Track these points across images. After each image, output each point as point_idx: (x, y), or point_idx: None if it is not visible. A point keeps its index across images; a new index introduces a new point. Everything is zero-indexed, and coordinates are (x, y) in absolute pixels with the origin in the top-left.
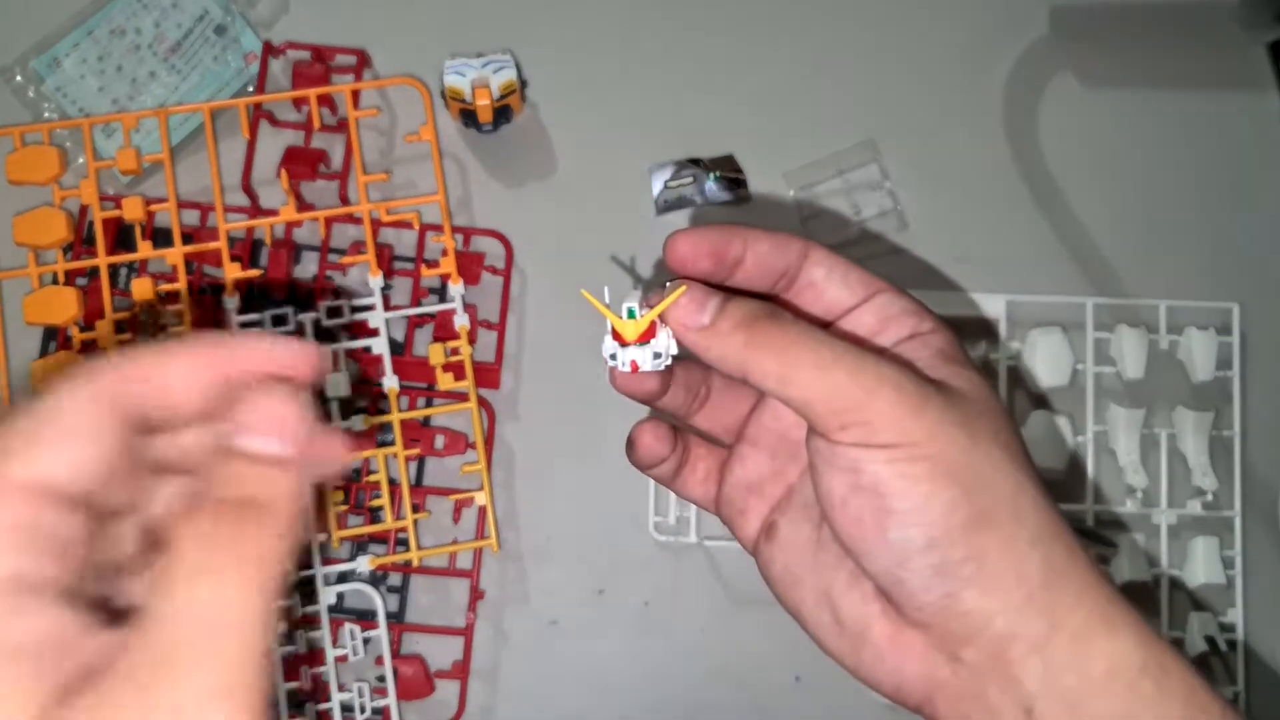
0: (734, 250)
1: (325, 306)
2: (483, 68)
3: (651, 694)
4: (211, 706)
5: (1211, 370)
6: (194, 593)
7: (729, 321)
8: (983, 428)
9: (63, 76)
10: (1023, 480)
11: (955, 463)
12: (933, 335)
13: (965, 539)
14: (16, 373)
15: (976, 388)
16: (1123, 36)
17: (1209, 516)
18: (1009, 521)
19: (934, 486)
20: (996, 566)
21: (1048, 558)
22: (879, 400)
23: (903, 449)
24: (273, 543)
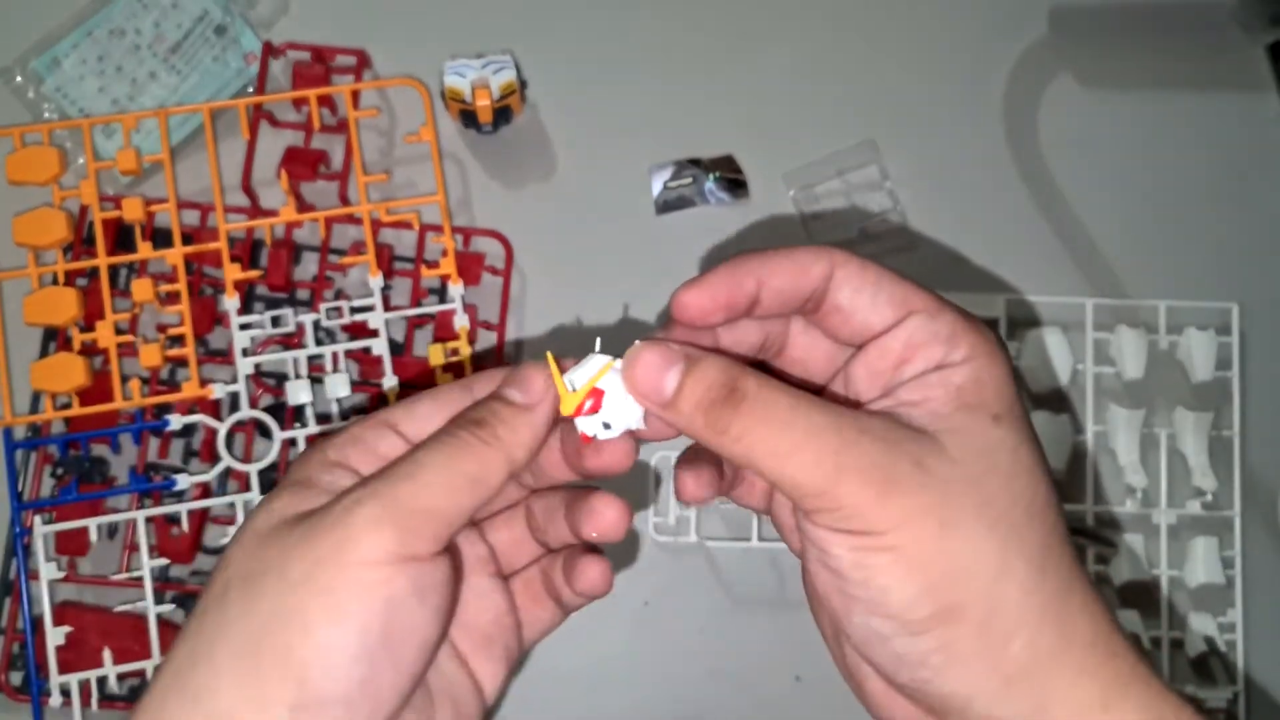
0: (747, 291)
1: (325, 307)
2: (483, 68)
3: (651, 694)
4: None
5: (1211, 370)
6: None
7: (688, 402)
8: (966, 504)
9: (63, 77)
10: (1009, 564)
11: (922, 554)
12: (959, 368)
13: (932, 631)
14: (16, 373)
15: (980, 443)
16: (1123, 37)
17: (1209, 516)
18: (984, 613)
19: (894, 580)
20: (967, 656)
21: (1032, 644)
22: (843, 486)
23: (869, 537)
24: (484, 454)
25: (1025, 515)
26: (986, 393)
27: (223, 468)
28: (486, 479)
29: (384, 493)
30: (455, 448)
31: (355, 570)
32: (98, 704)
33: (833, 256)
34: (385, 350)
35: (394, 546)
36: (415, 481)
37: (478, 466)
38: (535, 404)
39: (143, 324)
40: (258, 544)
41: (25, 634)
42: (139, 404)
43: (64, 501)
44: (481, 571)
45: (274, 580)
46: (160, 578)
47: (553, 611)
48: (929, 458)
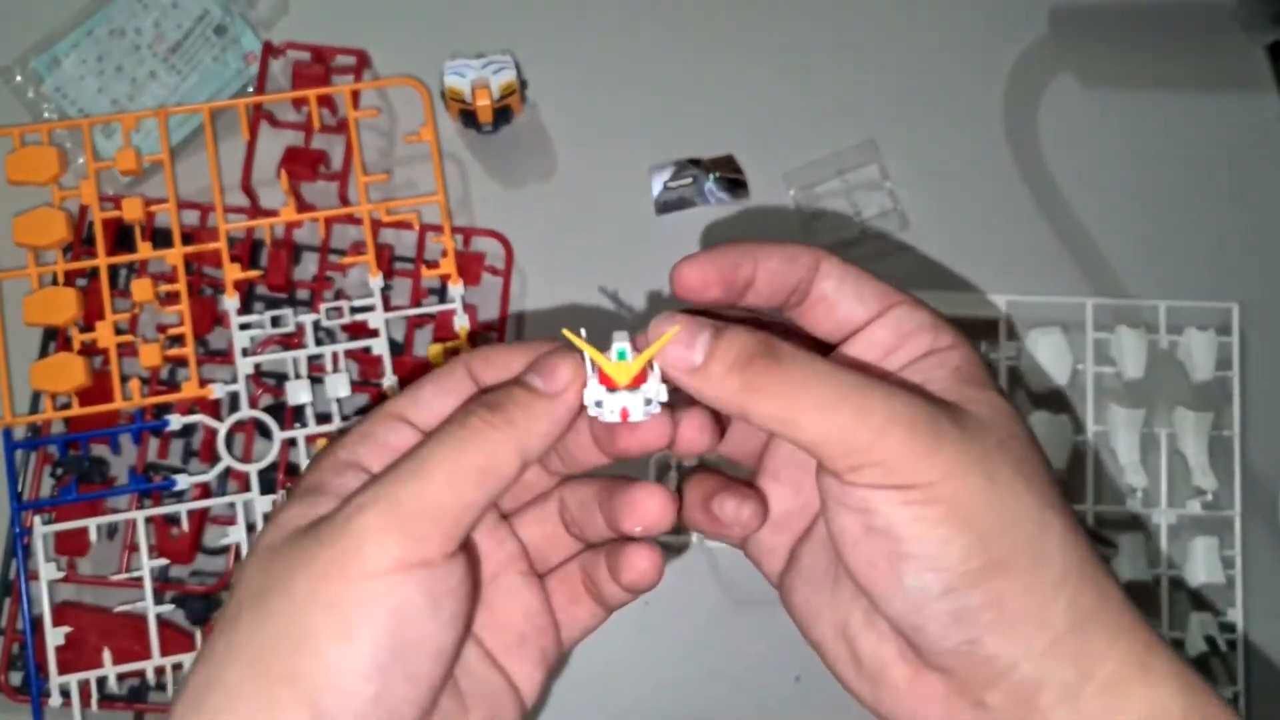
0: (744, 272)
1: (325, 307)
2: (483, 68)
3: (651, 694)
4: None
5: (1211, 370)
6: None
7: (721, 363)
8: (1003, 461)
9: (62, 76)
10: (1048, 518)
11: (973, 504)
12: (950, 352)
13: (984, 584)
14: (16, 373)
15: (997, 411)
16: (1123, 36)
17: (1209, 516)
18: (1032, 565)
19: (950, 530)
20: (1018, 612)
21: (1075, 601)
22: (890, 439)
23: (917, 490)
24: (494, 442)
25: (1048, 478)
26: (981, 372)
27: (223, 468)
28: (497, 469)
29: (386, 494)
30: (463, 437)
31: (360, 584)
32: (97, 704)
33: (818, 252)
34: (385, 350)
35: (400, 553)
36: (419, 479)
37: (486, 456)
38: (558, 392)
39: (143, 324)
40: (268, 559)
41: (25, 634)
42: (139, 404)
43: (64, 502)
44: (511, 569)
45: (281, 598)
46: (160, 578)
47: (592, 610)
48: (963, 418)
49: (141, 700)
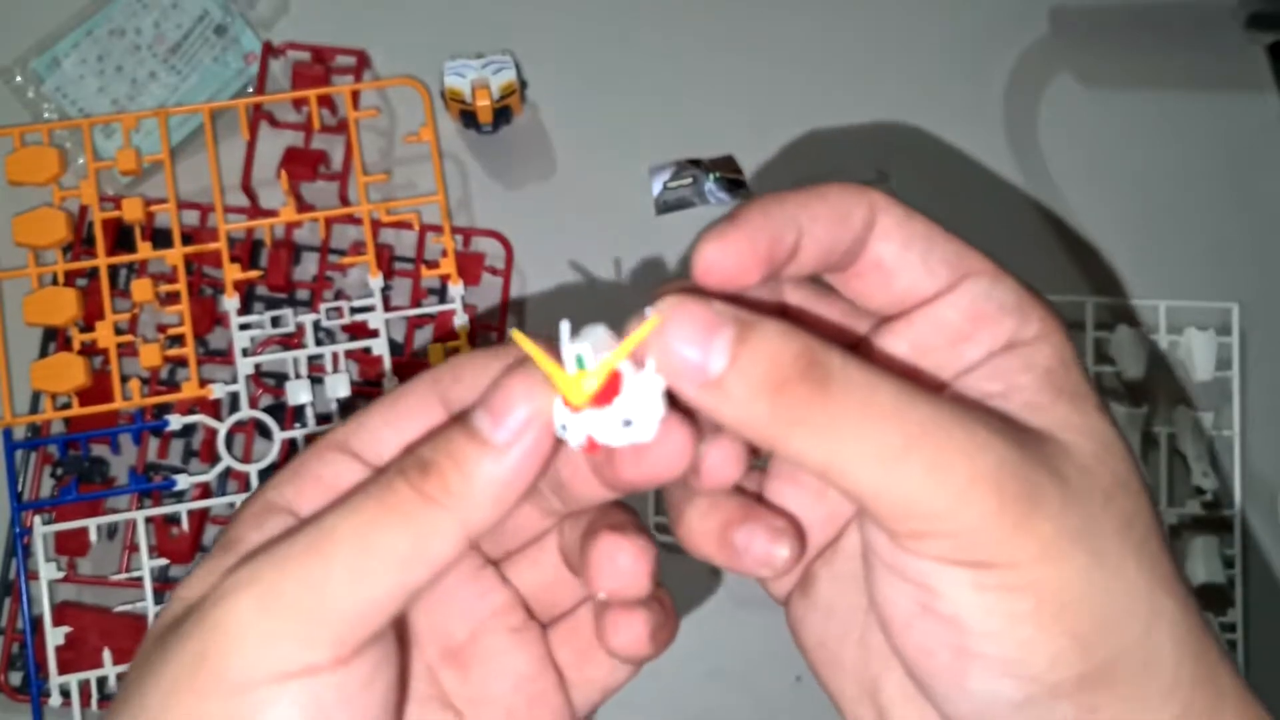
0: (788, 243)
1: (325, 307)
2: (482, 68)
3: (651, 694)
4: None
5: (1211, 370)
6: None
7: (747, 380)
8: (1112, 529)
9: (62, 77)
10: (1159, 603)
11: (1071, 594)
12: (1039, 346)
13: (1076, 697)
14: (16, 373)
15: (1103, 445)
16: (1123, 36)
17: (1209, 516)
18: (1139, 671)
19: (1039, 630)
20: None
21: (1189, 709)
22: (971, 507)
23: (999, 572)
24: (423, 519)
25: (1159, 539)
26: (1076, 377)
27: (223, 468)
28: (427, 554)
29: (263, 579)
30: (381, 509)
31: (218, 702)
32: (97, 704)
33: (871, 197)
34: (385, 350)
35: (277, 659)
36: (312, 562)
37: (412, 538)
38: (511, 440)
39: (143, 324)
40: (148, 646)
41: (25, 634)
42: (139, 404)
43: (64, 502)
44: (497, 627)
45: (135, 709)
46: (160, 578)
47: (611, 667)
48: (1061, 465)
49: None
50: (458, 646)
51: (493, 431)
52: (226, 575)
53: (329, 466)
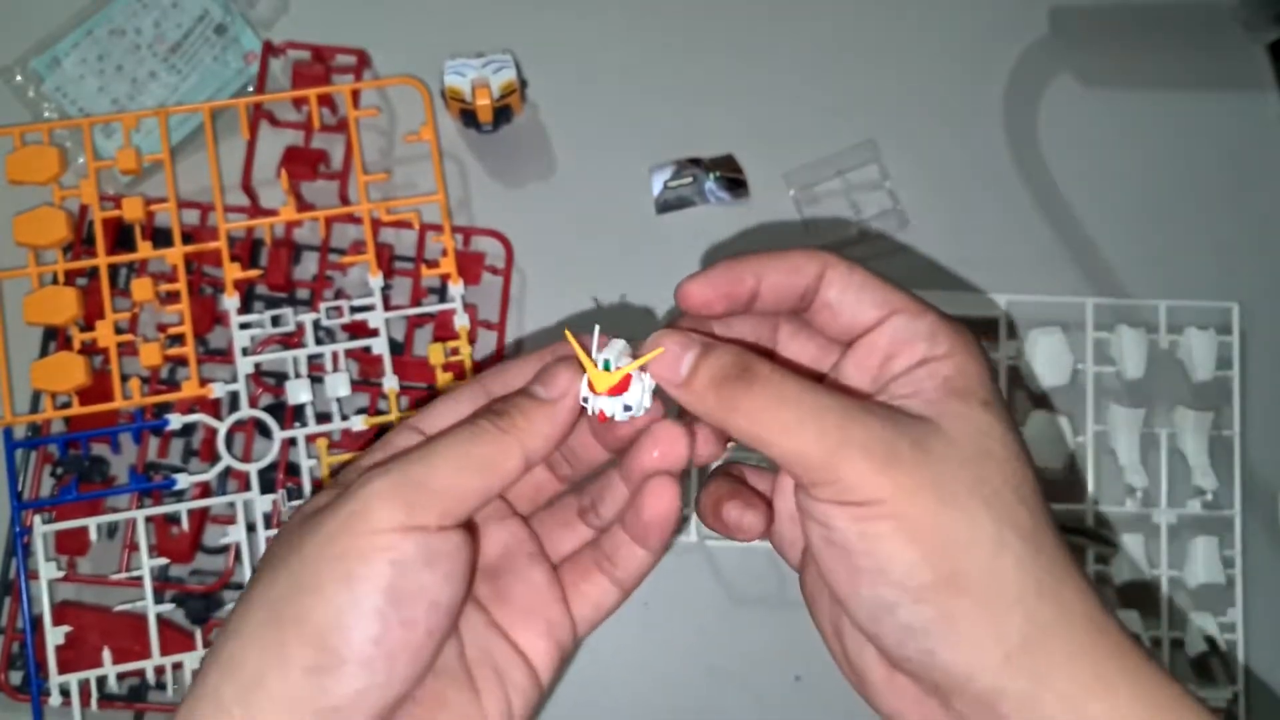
0: (747, 286)
1: (325, 307)
2: (483, 68)
3: (651, 694)
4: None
5: (1211, 370)
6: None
7: (701, 381)
8: (962, 481)
9: (63, 76)
10: (1005, 538)
11: (921, 524)
12: (944, 362)
13: (934, 600)
14: (17, 373)
15: (976, 427)
16: (1123, 36)
17: (1209, 516)
18: (983, 584)
19: (897, 546)
20: (969, 628)
21: (1031, 618)
22: (844, 459)
23: (867, 507)
24: (498, 441)
25: (1016, 496)
26: (972, 382)
27: (223, 467)
28: (499, 465)
29: (395, 470)
30: (471, 434)
31: (363, 538)
32: (97, 704)
33: (824, 258)
34: (385, 350)
35: (401, 517)
36: (425, 462)
37: (489, 451)
38: (557, 398)
39: (143, 323)
40: (285, 534)
41: (25, 633)
42: (139, 403)
43: (64, 501)
44: (520, 552)
45: (293, 556)
46: (160, 577)
47: (604, 588)
48: (928, 439)
49: (141, 699)
50: (490, 564)
51: (546, 394)
52: (365, 474)
53: (405, 439)
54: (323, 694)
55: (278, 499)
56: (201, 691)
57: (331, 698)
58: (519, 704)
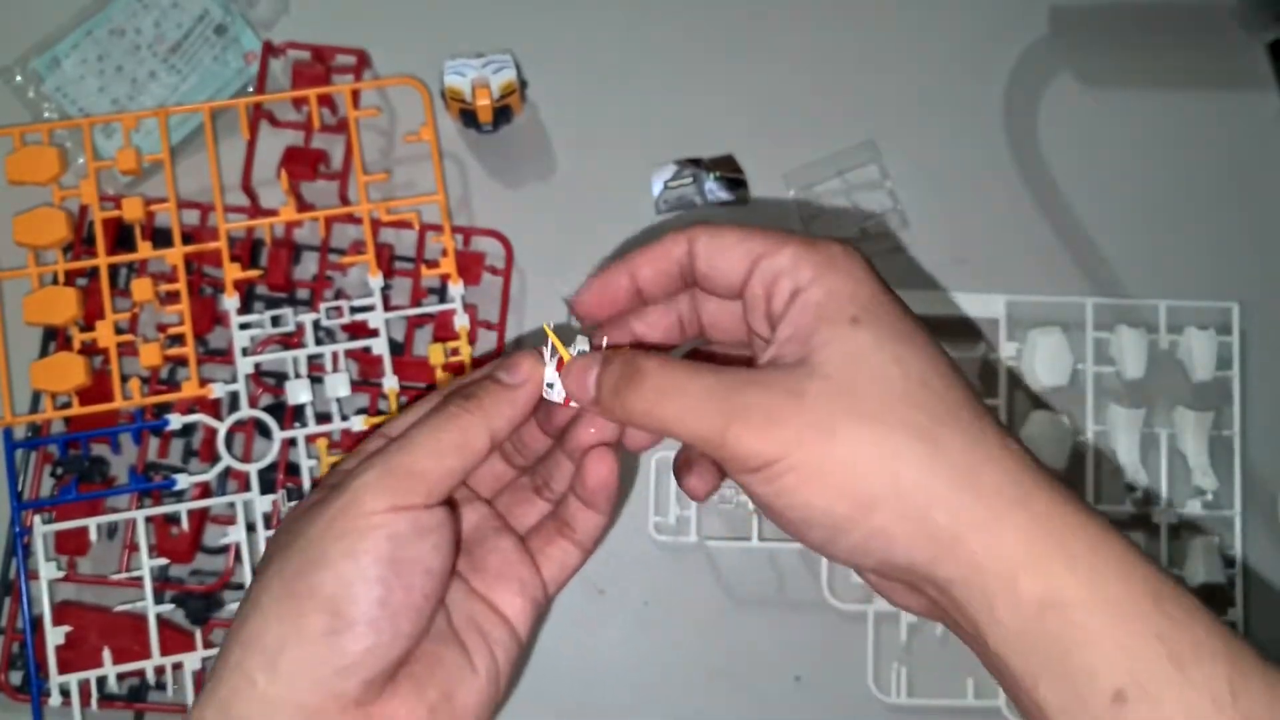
0: (623, 286)
1: (325, 307)
2: (483, 68)
3: (651, 694)
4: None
5: (1211, 370)
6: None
7: (605, 393)
8: (840, 412)
9: (63, 76)
10: (895, 449)
11: (818, 467)
12: (811, 289)
13: (860, 525)
14: (17, 373)
15: (843, 351)
16: (1123, 36)
17: (1209, 516)
18: (892, 496)
19: (806, 496)
20: (900, 535)
21: (952, 511)
22: (733, 434)
23: (768, 469)
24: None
25: (902, 401)
26: (840, 301)
27: (222, 467)
28: (470, 444)
29: (380, 462)
30: (443, 418)
31: (362, 519)
32: (97, 704)
33: (690, 233)
34: (385, 350)
35: (392, 499)
36: (406, 450)
37: (461, 433)
38: (520, 383)
39: (143, 324)
40: (287, 526)
41: (25, 634)
42: (139, 403)
43: (64, 501)
44: (487, 526)
45: (300, 540)
46: (160, 577)
47: (565, 548)
48: (801, 384)
49: (141, 700)
50: (465, 541)
51: (509, 379)
52: (354, 470)
53: (374, 444)
54: (340, 654)
55: (278, 499)
56: (224, 669)
57: (346, 656)
58: (502, 658)
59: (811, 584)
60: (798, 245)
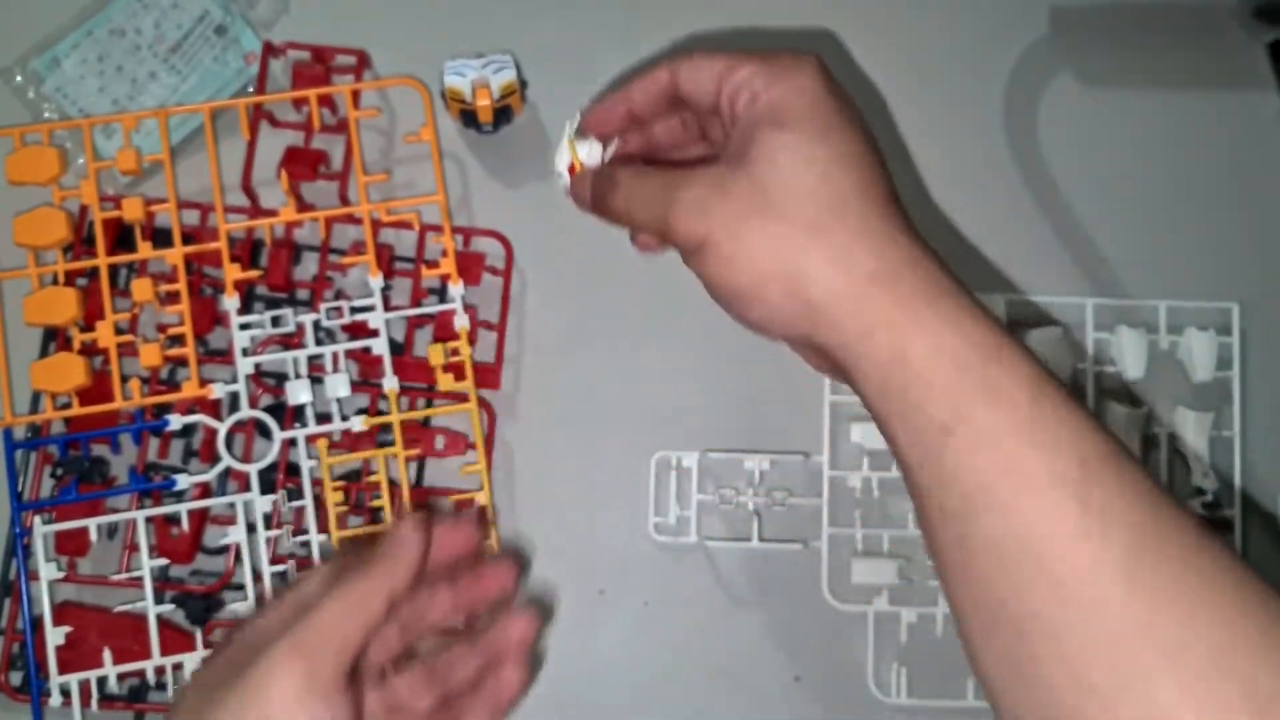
0: (620, 111)
1: (325, 307)
2: (483, 68)
3: (651, 694)
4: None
5: (1211, 370)
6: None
7: (596, 198)
8: (754, 205)
9: (63, 77)
10: (794, 239)
11: (732, 251)
12: (760, 98)
13: (762, 299)
14: (17, 373)
15: (766, 151)
16: (1123, 36)
17: (1209, 516)
18: (781, 279)
19: (726, 274)
20: (788, 309)
21: (827, 291)
22: (673, 219)
23: (700, 253)
24: (367, 586)
25: (804, 198)
26: (777, 107)
27: (223, 468)
28: (371, 606)
29: (288, 634)
30: (344, 588)
31: (269, 709)
32: (97, 704)
33: (674, 60)
34: (385, 350)
35: (301, 682)
36: (313, 620)
37: (362, 597)
38: (406, 553)
39: (143, 324)
40: (195, 701)
41: (25, 634)
42: (139, 404)
43: (64, 501)
44: (381, 711)
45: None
46: (160, 578)
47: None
48: (726, 181)
49: (141, 700)
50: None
51: (397, 551)
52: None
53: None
54: None
55: (278, 499)
56: None
57: None
58: None
59: (811, 584)
60: (757, 61)
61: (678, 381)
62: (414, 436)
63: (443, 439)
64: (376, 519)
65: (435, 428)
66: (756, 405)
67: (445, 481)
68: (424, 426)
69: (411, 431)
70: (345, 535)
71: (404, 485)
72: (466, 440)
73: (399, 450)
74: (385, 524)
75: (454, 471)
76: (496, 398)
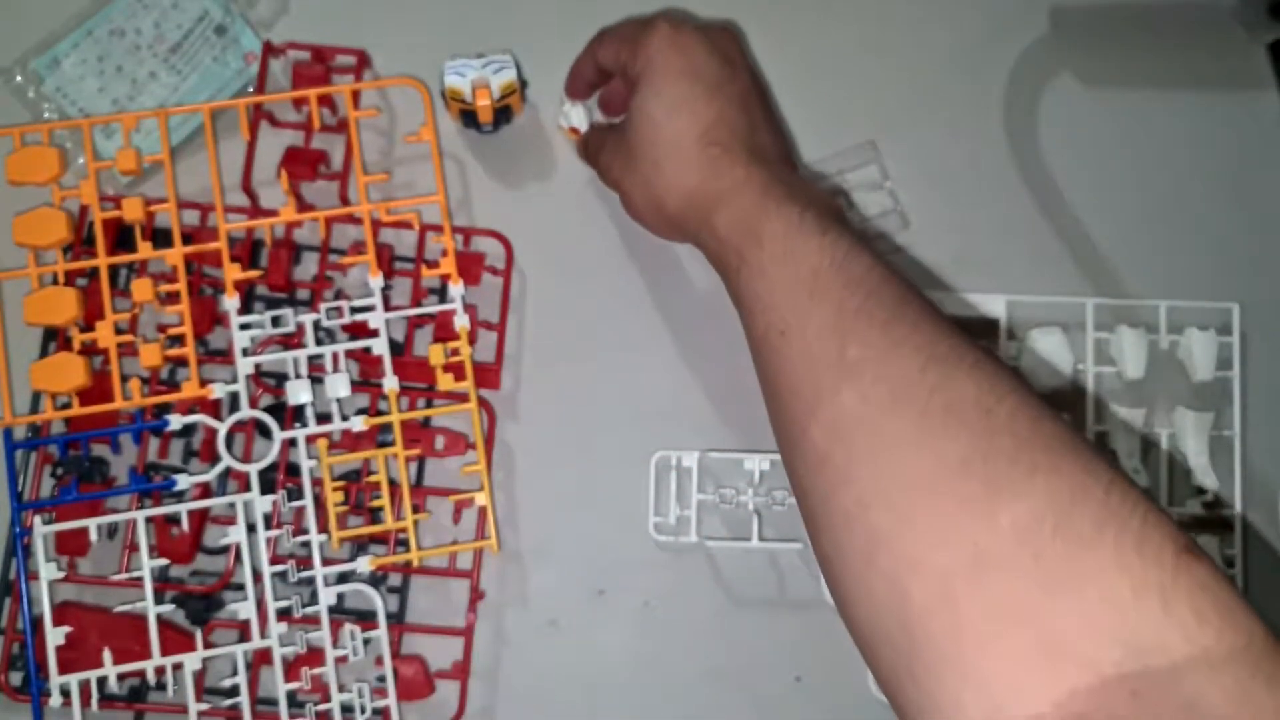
0: (589, 69)
1: (325, 307)
2: (483, 68)
3: (651, 694)
4: None
5: (1211, 370)
6: None
7: (588, 159)
8: (631, 157)
9: (63, 77)
10: (654, 187)
11: (631, 188)
12: (630, 66)
13: (655, 224)
14: (16, 373)
15: (642, 110)
16: (1123, 36)
17: (1209, 516)
18: (656, 211)
19: (634, 210)
20: (668, 231)
21: (685, 215)
22: (604, 169)
23: (620, 193)
24: None
25: (650, 147)
26: (636, 76)
27: (223, 468)
28: None
29: None
30: None
31: None
32: (98, 704)
33: (596, 41)
34: (385, 350)
35: None
36: None
37: None
38: None
39: (143, 324)
40: None
41: (25, 634)
42: (139, 404)
43: (64, 501)
44: None
45: None
46: (160, 578)
47: None
48: (616, 143)
49: (141, 700)
50: None
51: None
52: None
53: None
54: None
55: (278, 500)
56: None
57: None
58: None
59: (811, 584)
60: (627, 35)
61: (677, 381)
62: (414, 436)
63: (443, 439)
64: (377, 519)
65: (435, 428)
66: (756, 405)
67: (445, 481)
68: (424, 426)
69: (411, 431)
70: (345, 535)
71: (404, 485)
72: (466, 440)
73: (399, 450)
74: (385, 524)
75: (454, 471)
76: (496, 398)
